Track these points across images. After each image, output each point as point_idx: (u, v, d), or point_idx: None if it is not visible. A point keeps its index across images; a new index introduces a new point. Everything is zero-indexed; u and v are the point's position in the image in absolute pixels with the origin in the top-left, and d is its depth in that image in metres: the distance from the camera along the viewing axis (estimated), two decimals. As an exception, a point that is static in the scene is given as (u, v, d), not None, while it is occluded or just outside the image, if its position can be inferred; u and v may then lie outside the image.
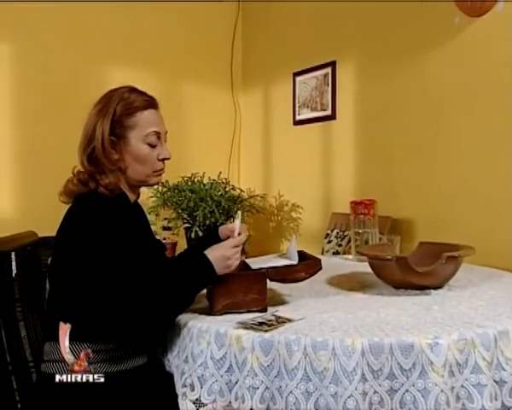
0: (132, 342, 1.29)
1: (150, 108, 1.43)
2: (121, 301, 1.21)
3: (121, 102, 1.38)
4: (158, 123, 1.45)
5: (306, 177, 3.11)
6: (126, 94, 1.41)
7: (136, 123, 1.39)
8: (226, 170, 3.55)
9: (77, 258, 1.25)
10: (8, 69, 2.90)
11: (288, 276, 1.38)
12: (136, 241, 1.35)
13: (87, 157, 1.37)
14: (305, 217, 3.15)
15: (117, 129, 1.37)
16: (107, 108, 1.37)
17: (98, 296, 1.21)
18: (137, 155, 1.40)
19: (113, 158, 1.37)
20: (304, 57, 3.09)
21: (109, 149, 1.36)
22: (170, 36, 3.38)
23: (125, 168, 1.40)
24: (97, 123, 1.36)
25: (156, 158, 1.44)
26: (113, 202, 1.33)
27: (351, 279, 1.77)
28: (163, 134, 1.46)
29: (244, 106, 3.66)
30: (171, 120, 3.43)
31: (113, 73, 3.19)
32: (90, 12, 3.09)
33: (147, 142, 1.41)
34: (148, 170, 1.43)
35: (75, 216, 1.30)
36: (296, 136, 3.18)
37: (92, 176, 1.35)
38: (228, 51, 3.61)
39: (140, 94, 1.44)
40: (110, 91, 1.42)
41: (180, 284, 1.27)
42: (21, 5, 2.87)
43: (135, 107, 1.39)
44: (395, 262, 1.47)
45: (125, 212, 1.37)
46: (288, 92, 3.20)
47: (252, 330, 1.21)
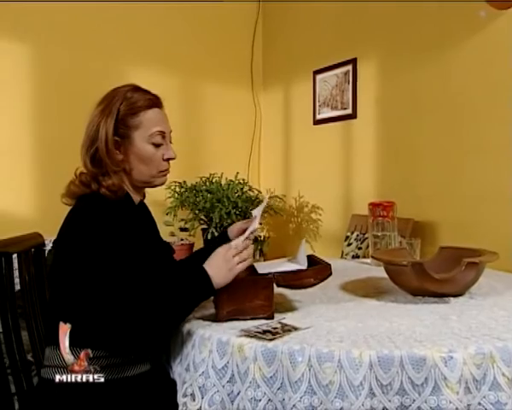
0: (129, 349, 1.25)
1: (154, 107, 1.38)
2: (118, 307, 1.17)
3: (125, 102, 1.34)
4: (162, 122, 1.40)
5: (326, 177, 3.04)
6: (129, 93, 1.36)
7: (140, 123, 1.35)
8: (246, 170, 3.51)
9: (74, 261, 1.22)
10: (29, 70, 2.91)
11: (296, 281, 1.32)
12: (138, 244, 1.31)
13: (90, 158, 1.33)
14: (325, 218, 3.07)
15: (121, 129, 1.33)
16: (111, 107, 1.33)
17: (95, 301, 1.18)
18: (142, 156, 1.36)
19: (116, 159, 1.34)
20: (324, 55, 3.02)
21: (113, 149, 1.32)
22: (190, 36, 3.36)
23: (129, 169, 1.37)
24: (100, 123, 1.32)
25: (161, 158, 1.39)
26: (114, 204, 1.29)
27: (366, 285, 1.70)
28: (168, 133, 1.42)
29: (264, 105, 3.61)
30: (191, 120, 3.45)
31: (134, 73, 3.18)
32: (111, 12, 3.09)
33: (151, 142, 1.36)
34: (152, 170, 1.38)
35: (75, 218, 1.26)
36: (316, 135, 3.11)
37: (95, 177, 1.32)
38: (248, 50, 3.56)
39: (143, 93, 1.39)
40: (112, 90, 1.38)
41: (177, 299, 1.22)
42: (41, 6, 2.88)
43: (139, 106, 1.35)
44: (411, 268, 1.39)
45: (126, 214, 1.33)
46: (308, 91, 3.14)
47: (255, 338, 1.15)
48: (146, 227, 1.45)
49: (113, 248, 1.22)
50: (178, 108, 3.34)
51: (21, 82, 2.91)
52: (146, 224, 1.47)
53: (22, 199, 2.87)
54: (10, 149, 2.85)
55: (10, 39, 2.85)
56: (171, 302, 1.21)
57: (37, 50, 2.93)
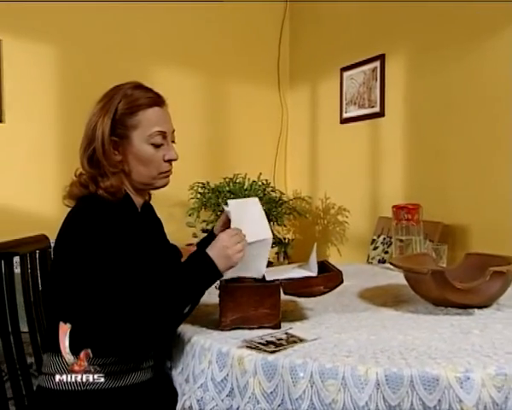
0: (132, 351, 1.19)
1: (155, 106, 1.31)
2: (117, 309, 1.12)
3: (123, 100, 1.28)
4: (163, 122, 1.33)
5: (353, 178, 2.94)
6: (129, 91, 1.30)
7: (138, 122, 1.28)
8: (272, 171, 3.44)
9: (70, 264, 1.18)
10: (54, 72, 2.93)
11: (305, 289, 1.24)
12: (136, 246, 1.25)
13: (87, 159, 1.27)
14: (352, 221, 2.97)
15: (119, 129, 1.27)
16: (109, 105, 1.27)
17: (91, 304, 1.13)
18: (141, 157, 1.29)
19: (114, 160, 1.28)
20: (351, 51, 2.92)
21: (110, 150, 1.27)
22: (215, 35, 3.31)
23: (128, 171, 1.31)
24: (98, 122, 1.26)
25: (162, 159, 1.32)
26: (112, 206, 1.24)
27: (386, 292, 1.60)
28: (169, 133, 1.34)
29: (291, 104, 3.53)
30: (216, 120, 3.40)
31: (159, 73, 3.16)
32: (135, 12, 3.07)
33: (151, 142, 1.29)
34: (152, 172, 1.32)
35: (71, 220, 1.22)
36: (343, 135, 3.01)
37: (93, 178, 1.27)
38: (275, 50, 3.49)
39: (145, 90, 1.33)
40: (114, 88, 1.32)
41: (180, 288, 1.17)
42: (65, 7, 2.89)
43: (138, 105, 1.28)
44: (430, 276, 1.29)
45: (125, 216, 1.28)
46: (335, 89, 3.04)
47: (256, 350, 1.08)
48: (148, 230, 1.40)
49: (109, 250, 1.17)
50: (203, 108, 3.31)
51: (47, 83, 2.93)
52: (148, 226, 1.41)
53: (47, 200, 2.89)
54: (36, 150, 2.87)
55: (36, 41, 2.88)
56: (174, 292, 1.16)
57: (62, 52, 2.95)
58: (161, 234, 1.50)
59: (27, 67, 2.87)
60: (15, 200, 2.80)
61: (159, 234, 1.48)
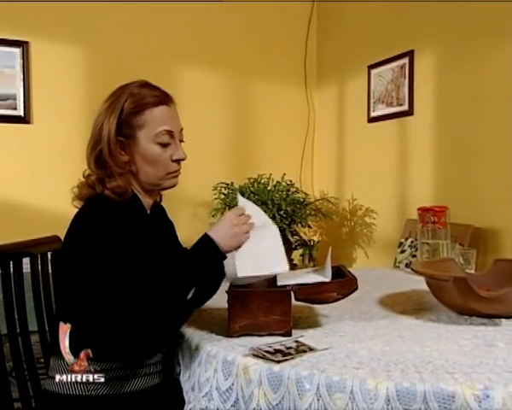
0: (138, 352, 1.16)
1: (161, 105, 1.28)
2: (121, 308, 1.09)
3: (129, 99, 1.25)
4: (170, 120, 1.29)
5: (380, 179, 2.85)
6: (136, 89, 1.27)
7: (145, 122, 1.25)
8: (298, 171, 3.38)
9: (74, 265, 1.17)
10: (81, 72, 2.95)
11: (317, 295, 1.19)
12: (142, 248, 1.22)
13: (94, 159, 1.25)
14: (379, 223, 2.88)
15: (125, 129, 1.24)
16: (115, 105, 1.24)
17: (96, 305, 1.11)
18: (148, 157, 1.26)
19: (121, 160, 1.25)
20: (379, 48, 2.84)
21: (116, 150, 1.24)
22: (241, 35, 3.28)
23: (136, 171, 1.28)
24: (104, 122, 1.24)
25: (169, 159, 1.29)
26: (119, 207, 1.22)
27: (408, 299, 1.52)
28: (177, 132, 1.31)
29: (318, 104, 3.46)
30: (241, 120, 3.37)
31: (185, 73, 3.15)
32: (161, 12, 3.07)
33: (157, 142, 1.26)
34: (160, 172, 1.29)
35: (77, 221, 1.20)
36: (370, 134, 2.93)
37: (100, 179, 1.24)
38: (301, 48, 3.43)
39: (151, 89, 1.30)
40: (120, 87, 1.30)
41: (181, 271, 1.14)
42: (92, 7, 2.91)
43: (144, 104, 1.25)
44: (452, 283, 1.21)
45: (132, 217, 1.25)
46: (363, 87, 2.96)
47: (262, 359, 1.03)
48: (156, 232, 1.36)
49: (114, 250, 1.14)
50: (229, 108, 3.28)
51: (74, 84, 2.96)
52: (157, 228, 1.38)
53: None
54: (64, 150, 2.89)
55: (63, 43, 2.90)
56: (176, 277, 1.13)
57: (88, 53, 2.97)
58: (172, 237, 1.47)
59: (55, 69, 2.90)
60: (43, 200, 2.83)
61: (169, 237, 1.44)
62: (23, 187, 2.79)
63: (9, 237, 1.54)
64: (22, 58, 2.83)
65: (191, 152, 3.20)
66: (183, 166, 3.67)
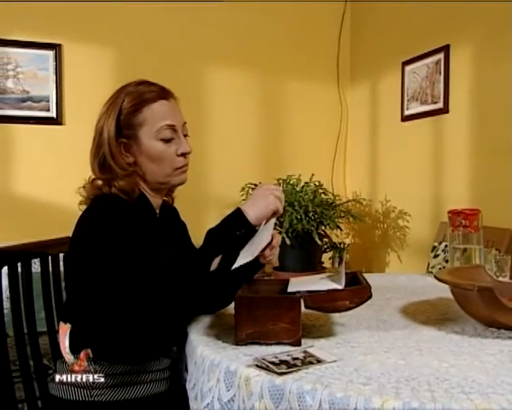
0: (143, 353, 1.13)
1: (160, 100, 1.24)
2: (126, 309, 1.07)
3: (127, 99, 1.23)
4: (171, 115, 1.26)
5: (414, 180, 2.74)
6: (132, 88, 1.25)
7: (144, 119, 1.22)
8: (330, 172, 3.30)
9: (80, 266, 1.15)
10: (112, 74, 2.97)
11: (328, 304, 1.12)
12: (149, 248, 1.18)
13: (98, 164, 1.23)
14: (413, 225, 2.77)
15: (125, 129, 1.22)
16: (113, 106, 1.23)
17: (101, 307, 1.09)
18: (152, 155, 1.23)
19: (124, 162, 1.23)
20: (413, 43, 2.73)
21: (118, 153, 1.22)
22: (271, 34, 3.23)
23: (143, 172, 1.25)
24: (104, 125, 1.22)
25: (174, 154, 1.25)
26: (126, 205, 1.19)
27: (433, 308, 1.43)
28: (179, 126, 1.27)
29: (351, 102, 3.36)
30: (272, 120, 3.31)
31: (215, 73, 3.13)
32: (191, 13, 3.06)
33: (160, 138, 1.23)
34: (166, 169, 1.25)
35: (84, 219, 1.18)
36: (404, 133, 2.82)
37: (106, 182, 1.22)
38: (334, 45, 3.34)
39: (148, 85, 1.27)
40: (119, 88, 1.28)
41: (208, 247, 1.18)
42: (122, 8, 2.92)
43: (141, 101, 1.22)
44: (477, 293, 1.12)
45: (139, 216, 1.21)
46: (397, 84, 2.85)
47: (265, 370, 0.97)
48: (166, 233, 1.32)
49: (121, 250, 1.11)
50: (259, 108, 3.23)
51: (106, 86, 2.96)
52: (167, 229, 1.34)
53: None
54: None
55: (94, 45, 2.93)
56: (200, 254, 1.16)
57: (119, 54, 2.99)
58: (183, 238, 1.43)
59: (86, 70, 2.93)
60: (72, 201, 2.86)
61: (179, 238, 1.41)
62: (53, 187, 2.83)
63: (38, 237, 1.56)
64: (55, 60, 2.88)
65: (221, 152, 3.21)
66: (212, 167, 3.69)
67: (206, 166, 3.11)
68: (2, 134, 2.82)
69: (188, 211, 3.01)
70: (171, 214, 1.42)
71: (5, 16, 2.78)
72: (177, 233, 1.41)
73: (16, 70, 2.83)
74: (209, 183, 3.14)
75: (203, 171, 3.10)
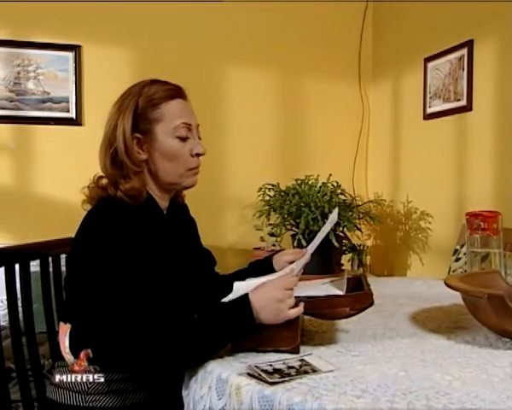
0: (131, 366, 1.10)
1: (177, 98, 1.23)
2: (118, 322, 1.04)
3: (143, 95, 1.21)
4: (187, 114, 1.24)
5: (437, 180, 2.65)
6: (147, 86, 1.24)
7: (161, 115, 1.20)
8: (350, 172, 3.23)
9: (78, 268, 1.13)
10: (131, 74, 2.97)
11: (327, 310, 1.07)
12: (154, 256, 1.15)
13: (110, 160, 1.21)
14: (435, 227, 2.68)
15: (141, 124, 1.20)
16: (128, 102, 1.20)
17: (96, 312, 1.07)
18: (166, 152, 1.21)
19: (138, 158, 1.20)
20: (436, 39, 2.64)
21: (132, 148, 1.20)
22: (290, 31, 3.18)
23: (155, 170, 1.23)
24: (118, 121, 1.20)
25: (189, 154, 1.23)
26: (132, 209, 1.16)
27: (445, 315, 1.37)
28: (194, 126, 1.26)
29: (374, 101, 3.28)
30: (291, 119, 3.26)
31: (233, 72, 3.11)
32: (207, 12, 3.04)
33: (176, 135, 1.21)
34: (180, 168, 1.23)
35: (87, 222, 1.16)
36: (426, 132, 2.73)
37: (114, 180, 1.20)
38: (355, 42, 3.26)
39: (163, 84, 1.26)
40: (130, 87, 1.26)
41: (204, 329, 1.04)
42: (140, 9, 2.92)
43: (159, 97, 1.21)
44: (487, 301, 1.05)
45: (146, 221, 1.18)
46: (419, 82, 2.77)
47: (256, 379, 0.94)
48: (173, 235, 1.29)
49: (121, 257, 1.09)
50: (277, 107, 3.19)
51: (125, 86, 2.98)
52: (175, 231, 1.30)
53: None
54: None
55: (113, 46, 2.94)
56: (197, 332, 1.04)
57: (138, 54, 2.99)
58: (192, 238, 1.40)
59: (105, 71, 2.94)
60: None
61: (188, 239, 1.37)
62: (72, 187, 2.81)
63: (57, 236, 1.57)
64: (75, 62, 2.89)
65: (239, 152, 3.18)
66: (230, 167, 3.65)
67: (223, 166, 3.08)
68: (23, 134, 2.86)
69: (205, 211, 3.00)
70: (180, 213, 1.38)
71: (26, 19, 2.81)
72: (186, 233, 1.37)
73: (37, 71, 2.86)
74: (227, 183, 3.11)
75: (221, 171, 3.07)
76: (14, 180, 2.85)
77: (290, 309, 1.05)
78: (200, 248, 1.44)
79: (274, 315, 1.04)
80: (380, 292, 1.67)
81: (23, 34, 2.82)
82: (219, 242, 3.04)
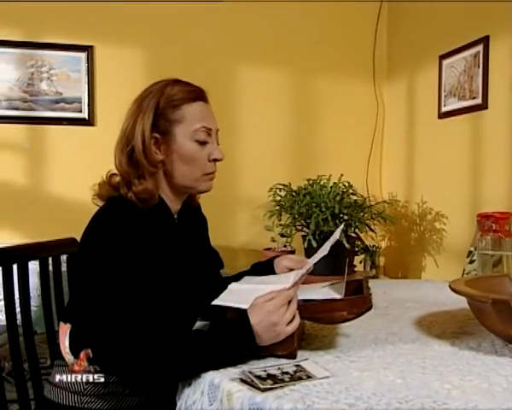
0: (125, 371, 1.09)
1: (199, 100, 1.21)
2: (117, 329, 1.03)
3: (165, 94, 1.19)
4: (208, 117, 1.22)
5: (451, 180, 2.58)
6: (169, 87, 1.22)
7: (182, 116, 1.18)
8: (364, 172, 3.18)
9: (83, 268, 1.12)
10: (143, 74, 2.97)
11: (324, 314, 1.04)
12: (161, 262, 1.14)
13: (127, 158, 1.18)
14: (450, 229, 2.62)
15: (161, 124, 1.18)
16: (148, 102, 1.19)
17: (96, 315, 1.06)
18: (184, 155, 1.19)
19: (155, 158, 1.18)
20: (451, 35, 2.57)
21: (150, 147, 1.18)
22: (303, 29, 3.14)
23: (171, 172, 1.21)
24: (137, 118, 1.18)
25: (207, 158, 1.22)
26: (141, 211, 1.14)
27: (452, 320, 1.32)
28: (214, 131, 1.24)
29: (388, 99, 3.23)
30: (304, 118, 3.23)
31: (246, 71, 3.09)
32: (220, 12, 3.02)
33: (195, 139, 1.19)
34: (196, 172, 1.21)
35: (95, 221, 1.14)
36: (441, 131, 2.67)
37: (127, 180, 1.18)
38: (370, 40, 3.21)
39: (185, 85, 1.24)
40: (151, 85, 1.25)
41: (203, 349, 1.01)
42: (152, 9, 2.92)
43: (180, 98, 1.19)
44: (491, 306, 1.01)
45: (155, 224, 1.17)
46: (434, 80, 2.70)
47: (248, 385, 0.91)
48: (182, 241, 1.27)
49: (127, 261, 1.07)
50: (290, 106, 3.16)
51: (137, 86, 2.98)
52: (184, 235, 1.28)
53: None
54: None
55: (126, 46, 2.94)
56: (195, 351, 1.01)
57: (150, 54, 2.99)
58: (201, 239, 1.37)
59: (118, 72, 2.95)
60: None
61: (197, 241, 1.35)
62: (84, 187, 2.82)
63: (69, 235, 1.57)
64: (87, 62, 2.91)
65: (252, 152, 3.16)
66: (243, 167, 3.62)
67: (236, 166, 3.06)
68: (37, 135, 2.88)
69: (217, 211, 2.97)
70: (192, 214, 1.36)
71: (39, 20, 2.83)
72: (196, 236, 1.35)
73: (50, 72, 2.88)
74: (239, 183, 3.09)
75: (233, 171, 3.05)
76: (28, 180, 2.88)
77: (288, 325, 1.02)
78: (208, 249, 1.42)
79: (273, 338, 1.01)
80: (388, 295, 1.64)
81: (36, 35, 2.84)
82: (231, 242, 3.02)
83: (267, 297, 1.02)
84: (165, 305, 1.11)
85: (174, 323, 1.09)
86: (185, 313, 1.18)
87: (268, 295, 1.02)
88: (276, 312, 1.00)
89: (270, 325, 1.00)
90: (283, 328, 1.01)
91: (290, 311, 1.02)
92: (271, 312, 1.00)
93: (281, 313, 1.00)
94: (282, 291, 1.03)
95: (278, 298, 1.01)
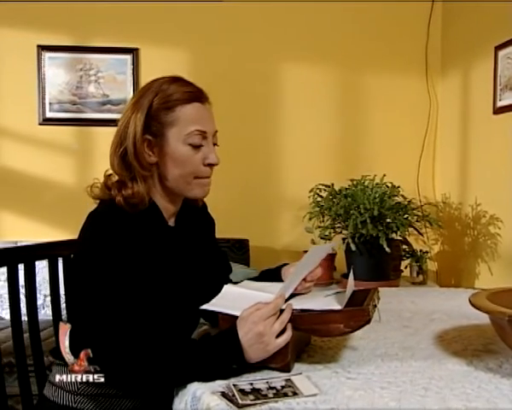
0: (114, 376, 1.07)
1: (194, 102, 1.15)
2: (107, 332, 1.02)
3: (159, 94, 1.14)
4: (203, 120, 1.16)
5: (507, 181, 2.39)
6: (166, 85, 1.17)
7: (175, 119, 1.13)
8: (415, 172, 3.02)
9: (76, 270, 1.11)
10: (187, 75, 2.97)
11: (320, 326, 0.97)
12: (153, 266, 1.11)
13: (119, 159, 1.15)
14: (505, 233, 2.42)
15: (154, 126, 1.13)
16: (143, 100, 1.14)
17: (89, 318, 1.05)
18: (176, 158, 1.14)
19: (147, 161, 1.14)
20: (508, 25, 2.38)
21: (142, 150, 1.13)
22: (351, 24, 3.03)
23: (164, 174, 1.16)
24: (130, 118, 1.14)
25: (200, 162, 1.16)
26: (130, 217, 1.11)
27: (478, 336, 1.20)
28: (210, 134, 1.17)
29: (442, 95, 3.04)
30: (350, 117, 3.11)
31: (291, 70, 3.02)
32: (264, 11, 2.97)
33: (188, 142, 1.14)
34: (187, 176, 1.15)
35: (87, 225, 1.13)
36: (496, 128, 2.48)
37: (119, 182, 1.16)
38: (422, 35, 3.03)
39: (183, 84, 1.18)
40: (149, 82, 1.20)
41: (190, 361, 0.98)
42: (194, 10, 2.93)
43: (175, 100, 1.13)
44: (507, 322, 0.90)
45: (144, 229, 1.13)
46: (489, 72, 2.51)
47: (227, 400, 0.86)
48: (178, 244, 1.22)
49: (117, 266, 1.05)
50: (337, 105, 3.06)
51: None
52: (180, 240, 1.23)
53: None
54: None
55: (170, 47, 2.97)
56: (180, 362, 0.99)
57: (193, 54, 2.99)
58: (203, 243, 1.31)
59: (162, 73, 2.89)
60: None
61: (198, 245, 1.28)
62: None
63: None
64: (132, 64, 2.96)
65: (296, 152, 3.09)
66: (287, 166, 3.54)
67: (279, 165, 3.01)
68: (85, 136, 2.97)
69: (260, 212, 2.95)
70: (194, 217, 1.30)
71: (87, 25, 2.91)
72: (196, 239, 1.29)
73: (97, 75, 2.96)
74: (283, 183, 3.03)
75: (277, 171, 3.00)
76: (77, 179, 2.96)
77: (278, 337, 0.95)
78: (215, 252, 1.36)
79: (262, 351, 0.95)
80: (415, 305, 1.52)
81: (84, 40, 2.93)
82: (273, 243, 2.96)
83: (252, 309, 0.96)
84: (156, 309, 1.08)
85: (165, 327, 1.06)
86: (180, 317, 1.14)
87: (253, 307, 0.96)
88: (262, 322, 0.94)
89: (257, 336, 0.94)
90: (271, 339, 0.94)
91: (280, 322, 0.95)
92: (256, 323, 0.94)
93: (268, 323, 0.94)
94: (269, 302, 0.97)
95: (264, 309, 0.95)
